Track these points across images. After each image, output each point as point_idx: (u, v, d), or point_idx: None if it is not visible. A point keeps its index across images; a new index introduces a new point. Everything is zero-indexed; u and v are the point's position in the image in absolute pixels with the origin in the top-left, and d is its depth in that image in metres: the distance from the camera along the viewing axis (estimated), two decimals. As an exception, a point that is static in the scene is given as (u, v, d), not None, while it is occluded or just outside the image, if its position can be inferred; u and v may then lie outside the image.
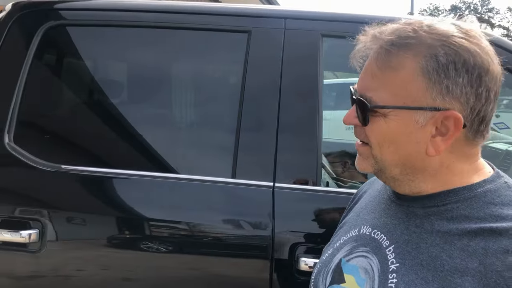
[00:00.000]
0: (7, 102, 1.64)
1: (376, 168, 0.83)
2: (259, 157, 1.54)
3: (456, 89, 0.75)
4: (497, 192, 0.80)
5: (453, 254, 0.75)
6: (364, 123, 0.80)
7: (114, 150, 1.75)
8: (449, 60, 0.75)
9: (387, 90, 0.78)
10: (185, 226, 1.56)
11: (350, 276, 0.85)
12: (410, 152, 0.80)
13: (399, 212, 0.85)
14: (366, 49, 0.81)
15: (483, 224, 0.76)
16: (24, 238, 1.51)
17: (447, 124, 0.78)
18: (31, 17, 1.72)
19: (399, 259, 0.80)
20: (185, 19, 1.70)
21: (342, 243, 0.91)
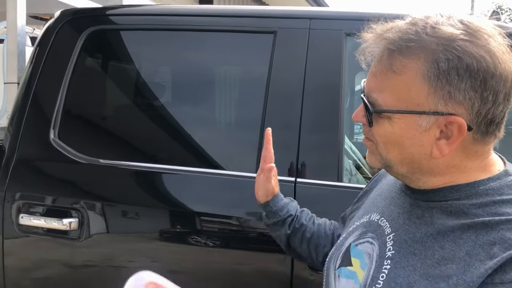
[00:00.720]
0: (53, 101, 1.79)
1: (383, 164, 0.85)
2: (282, 154, 1.59)
3: (459, 95, 0.74)
4: (499, 191, 0.80)
5: (445, 246, 0.77)
6: (369, 124, 0.81)
7: (150, 146, 1.85)
8: (450, 66, 0.73)
9: (391, 93, 0.78)
10: (219, 220, 1.63)
11: (356, 260, 0.89)
12: (415, 154, 0.80)
13: (405, 202, 0.88)
14: (373, 47, 0.81)
15: (477, 219, 0.77)
16: (66, 225, 1.64)
17: (451, 128, 0.77)
18: (75, 23, 1.86)
19: (396, 247, 0.83)
20: (217, 22, 1.78)
21: (354, 228, 0.95)
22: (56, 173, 1.78)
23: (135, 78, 1.96)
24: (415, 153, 0.80)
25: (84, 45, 1.82)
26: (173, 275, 1.60)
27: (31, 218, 1.69)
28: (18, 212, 1.70)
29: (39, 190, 1.74)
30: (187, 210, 1.65)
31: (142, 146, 1.85)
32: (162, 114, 1.88)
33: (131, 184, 1.75)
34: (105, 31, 1.87)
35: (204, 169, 1.68)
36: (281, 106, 1.62)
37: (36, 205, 1.72)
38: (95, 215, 1.67)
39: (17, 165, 1.75)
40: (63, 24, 1.86)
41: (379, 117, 0.80)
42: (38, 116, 1.80)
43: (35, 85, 1.81)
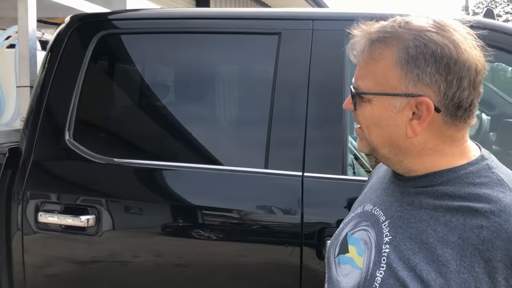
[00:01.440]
0: (67, 103, 1.86)
1: (370, 148, 0.95)
2: (289, 149, 1.66)
3: (426, 77, 0.85)
4: (478, 173, 0.90)
5: (437, 229, 0.86)
6: (354, 107, 0.92)
7: (160, 145, 1.93)
8: (418, 51, 0.84)
9: (372, 79, 0.89)
10: (225, 214, 1.71)
11: (353, 247, 0.96)
12: (392, 134, 0.90)
13: (396, 191, 0.96)
14: (359, 41, 0.92)
15: (464, 203, 0.86)
16: (83, 222, 1.72)
17: (421, 109, 0.87)
18: (86, 27, 1.93)
19: (392, 232, 0.90)
20: (224, 24, 1.85)
21: (350, 219, 1.04)
22: (72, 172, 1.85)
23: (146, 80, 2.04)
24: (392, 133, 0.90)
25: (95, 49, 1.89)
26: (179, 269, 1.68)
27: (48, 216, 1.76)
28: (36, 211, 1.77)
29: (56, 189, 1.82)
30: (199, 205, 1.72)
31: (155, 145, 1.92)
32: (172, 114, 1.96)
33: (145, 182, 1.83)
34: (115, 35, 1.94)
35: (219, 166, 1.75)
36: (287, 104, 1.69)
37: (53, 203, 1.79)
38: (110, 211, 1.74)
39: (34, 166, 1.82)
40: (74, 29, 1.93)
41: (362, 101, 0.91)
42: (53, 118, 1.87)
43: (49, 88, 1.88)
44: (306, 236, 1.57)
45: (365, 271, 0.91)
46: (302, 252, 1.58)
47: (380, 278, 0.87)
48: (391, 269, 0.86)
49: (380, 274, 0.87)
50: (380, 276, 0.87)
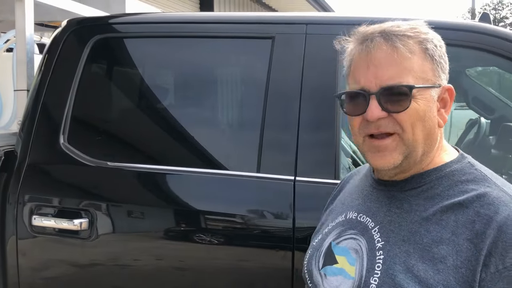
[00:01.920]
0: (62, 107, 1.87)
1: (406, 154, 0.90)
2: (281, 153, 1.66)
3: (446, 67, 0.93)
4: (462, 171, 0.92)
5: (430, 228, 0.86)
6: (403, 108, 0.88)
7: (155, 148, 1.93)
8: (438, 45, 0.93)
9: (410, 75, 0.89)
10: (219, 218, 1.70)
11: (342, 257, 0.94)
12: (431, 126, 0.92)
13: (381, 196, 0.96)
14: (377, 41, 0.90)
15: (452, 200, 0.87)
16: (77, 226, 1.72)
17: (445, 97, 0.93)
18: (82, 31, 1.94)
19: (384, 237, 0.90)
20: (218, 28, 1.86)
21: (330, 229, 1.01)
22: (66, 176, 1.86)
23: (140, 83, 2.04)
24: (432, 125, 0.92)
25: (90, 52, 1.90)
26: (180, 272, 1.68)
27: (42, 219, 1.77)
28: (30, 214, 1.78)
29: (50, 192, 1.83)
30: (191, 209, 1.72)
31: (148, 148, 1.93)
32: (166, 117, 1.96)
33: (137, 185, 1.83)
34: (110, 39, 1.95)
35: (209, 169, 1.75)
36: (280, 108, 1.69)
37: (48, 206, 1.80)
38: (103, 215, 1.75)
39: (29, 169, 1.83)
40: (70, 33, 1.94)
41: (405, 100, 0.88)
42: (48, 121, 1.88)
43: (45, 92, 1.89)
44: (298, 241, 1.57)
45: (358, 280, 0.90)
46: (294, 256, 1.57)
47: (374, 285, 0.87)
48: (387, 275, 0.86)
49: (375, 281, 0.87)
50: (375, 283, 0.87)
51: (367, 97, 0.89)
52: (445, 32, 1.65)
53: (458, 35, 1.67)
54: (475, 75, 2.72)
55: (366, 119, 0.90)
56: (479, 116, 2.58)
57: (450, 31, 1.67)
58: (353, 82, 0.93)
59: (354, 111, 0.92)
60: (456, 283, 0.81)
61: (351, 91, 0.93)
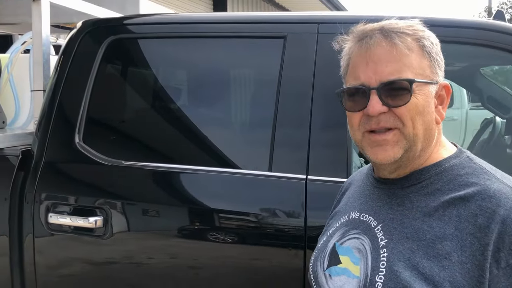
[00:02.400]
0: (78, 106, 1.90)
1: (406, 148, 0.91)
2: (293, 152, 1.67)
3: (442, 63, 0.94)
4: (461, 165, 0.92)
5: (433, 224, 0.86)
6: (404, 102, 0.89)
7: (168, 147, 1.95)
8: (434, 42, 0.94)
9: (409, 70, 0.90)
10: (232, 217, 1.72)
11: (345, 257, 0.95)
12: (429, 122, 0.93)
13: (382, 195, 0.97)
14: (376, 37, 0.91)
15: (454, 194, 0.88)
16: (92, 223, 1.75)
17: (442, 94, 0.94)
18: (97, 32, 1.97)
19: (387, 235, 0.90)
20: (228, 29, 1.87)
21: (334, 230, 1.02)
22: (81, 174, 1.89)
23: (153, 83, 2.07)
24: (430, 120, 0.93)
25: (105, 53, 1.93)
26: (193, 270, 1.70)
27: (58, 217, 1.80)
28: (47, 212, 1.81)
29: (66, 191, 1.86)
30: (205, 207, 1.74)
31: (161, 147, 1.95)
32: (179, 116, 1.98)
33: (151, 184, 1.85)
34: (124, 40, 1.98)
35: (222, 168, 1.77)
36: (292, 107, 1.69)
37: (63, 204, 1.83)
38: (118, 213, 1.77)
39: (45, 168, 1.86)
40: (85, 34, 1.97)
41: (406, 94, 0.89)
42: (63, 121, 1.92)
43: (60, 92, 1.92)
44: (310, 239, 1.57)
45: (363, 279, 0.90)
46: (306, 255, 1.58)
47: (380, 283, 0.87)
48: (392, 272, 0.86)
49: (380, 279, 0.87)
50: (381, 281, 0.87)
51: (367, 93, 0.90)
52: (459, 30, 1.66)
53: (472, 33, 1.66)
54: (490, 74, 2.69)
55: (366, 114, 0.91)
56: (494, 116, 2.55)
57: (465, 29, 1.66)
58: (352, 79, 0.94)
59: (354, 107, 0.93)
60: (462, 279, 0.81)
61: (351, 86, 0.94)
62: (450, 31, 1.61)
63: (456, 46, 1.66)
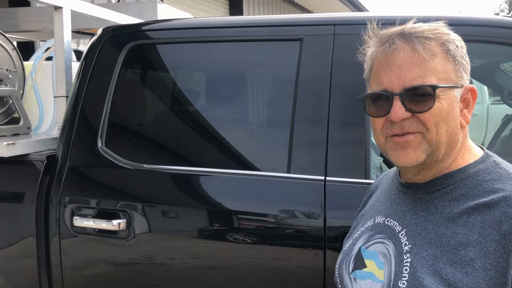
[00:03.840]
0: (100, 112, 1.95)
1: (428, 152, 0.91)
2: (312, 154, 1.68)
3: (467, 66, 0.93)
4: (487, 170, 0.92)
5: (456, 230, 0.86)
6: (428, 108, 0.89)
7: (188, 151, 1.99)
8: (459, 45, 0.94)
9: (433, 75, 0.90)
10: (252, 218, 1.74)
11: (370, 261, 0.96)
12: (454, 127, 0.92)
13: (407, 199, 0.97)
14: (399, 42, 0.91)
15: (478, 200, 0.87)
16: (115, 226, 1.79)
17: (467, 97, 0.94)
18: (117, 39, 2.01)
19: (411, 240, 0.91)
20: (245, 32, 1.89)
21: (360, 234, 1.03)
22: (104, 178, 1.94)
23: (172, 87, 2.11)
24: (455, 125, 0.92)
25: (125, 59, 1.97)
26: (214, 271, 1.73)
27: (83, 220, 1.85)
28: (72, 215, 1.87)
29: (90, 194, 1.91)
30: (225, 209, 1.76)
31: (181, 151, 1.98)
32: (199, 120, 2.01)
33: (172, 187, 1.89)
34: (144, 46, 2.02)
35: (242, 170, 1.79)
36: (310, 109, 1.71)
37: (88, 208, 1.88)
38: (140, 215, 1.81)
39: (69, 172, 1.91)
40: (105, 41, 2.01)
41: (430, 100, 0.89)
42: (86, 126, 1.97)
43: (83, 98, 1.97)
44: (329, 240, 1.59)
45: (387, 283, 0.91)
46: (326, 255, 1.59)
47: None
48: (415, 278, 0.86)
49: (403, 284, 0.87)
50: (403, 286, 0.87)
51: (390, 98, 0.90)
52: (479, 28, 1.65)
53: (493, 31, 1.65)
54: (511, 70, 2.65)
55: (389, 120, 0.91)
56: (515, 112, 2.52)
57: (485, 28, 1.65)
58: (375, 84, 0.94)
59: (377, 113, 0.93)
60: (485, 285, 0.80)
61: (374, 92, 0.94)
62: (469, 30, 1.61)
63: (475, 45, 1.65)
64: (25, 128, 2.18)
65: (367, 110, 0.96)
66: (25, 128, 2.18)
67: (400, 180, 1.01)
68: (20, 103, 2.18)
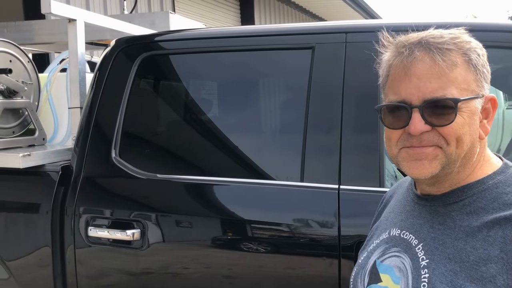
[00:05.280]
0: (113, 123, 1.96)
1: (444, 165, 0.87)
2: (325, 163, 1.68)
3: (488, 75, 0.90)
4: (507, 182, 0.88)
5: (476, 245, 0.83)
6: (449, 121, 0.85)
7: (201, 160, 1.99)
8: (480, 54, 0.90)
9: (453, 86, 0.86)
10: (265, 227, 1.74)
11: (386, 275, 0.92)
12: (474, 140, 0.89)
13: (423, 212, 0.93)
14: (418, 51, 0.87)
15: (498, 214, 0.83)
16: (129, 236, 1.80)
17: (487, 107, 0.91)
18: (130, 50, 2.03)
19: (428, 255, 0.87)
20: (257, 41, 1.90)
21: (375, 246, 0.99)
22: (118, 188, 1.95)
23: (185, 98, 2.12)
24: (474, 138, 0.89)
25: (138, 70, 1.99)
26: (228, 280, 1.73)
27: (97, 230, 1.86)
28: (86, 225, 1.88)
29: (104, 205, 1.92)
30: (239, 218, 1.76)
31: (194, 160, 1.99)
32: (212, 130, 2.02)
33: (185, 196, 1.89)
34: (156, 56, 2.04)
35: (255, 179, 1.79)
36: (323, 118, 1.70)
37: (102, 218, 1.89)
38: (154, 225, 1.82)
39: (84, 183, 1.93)
40: (118, 52, 2.03)
41: (451, 113, 0.86)
42: (100, 137, 1.98)
43: (97, 109, 1.99)
44: (344, 249, 1.58)
45: None
46: (341, 264, 1.58)
47: None
48: None
49: None
50: None
51: (409, 110, 0.86)
52: (495, 34, 1.63)
53: (508, 36, 1.64)
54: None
55: (407, 133, 0.88)
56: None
57: (501, 33, 1.64)
58: (392, 94, 0.90)
59: (395, 124, 0.89)
60: None
61: (392, 103, 0.89)
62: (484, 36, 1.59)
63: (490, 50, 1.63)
64: (40, 139, 2.20)
65: (383, 121, 0.92)
66: (40, 139, 2.20)
67: (415, 191, 0.98)
68: (35, 115, 2.21)
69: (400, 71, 0.89)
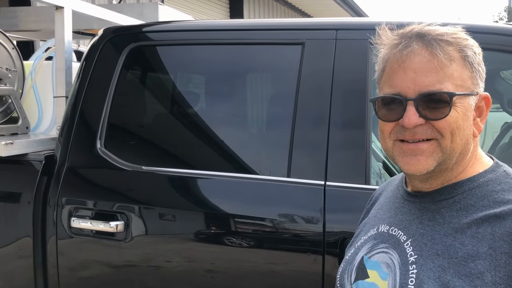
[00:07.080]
0: (99, 113, 1.94)
1: (440, 161, 0.87)
2: (311, 158, 1.68)
3: (484, 75, 0.90)
4: (497, 181, 0.89)
5: (465, 242, 0.83)
6: (443, 115, 0.85)
7: (187, 153, 1.98)
8: (477, 52, 0.90)
9: (449, 82, 0.86)
10: (249, 222, 1.74)
11: (373, 271, 0.92)
12: (468, 136, 0.89)
13: (413, 208, 0.93)
14: (415, 44, 0.87)
15: (488, 211, 0.84)
16: (113, 228, 1.78)
17: (481, 105, 0.91)
18: (117, 40, 2.01)
19: (416, 251, 0.87)
20: (247, 35, 1.89)
21: (363, 242, 0.99)
22: (102, 179, 1.93)
23: (172, 89, 2.10)
24: (468, 134, 0.89)
25: (126, 60, 1.96)
26: (210, 274, 1.72)
27: (80, 221, 1.84)
28: (69, 216, 1.85)
29: (88, 195, 1.90)
30: (222, 212, 1.76)
31: (180, 153, 1.98)
32: (198, 122, 2.01)
33: (170, 189, 1.88)
34: (144, 47, 2.01)
35: (240, 174, 1.79)
36: (310, 114, 1.70)
37: (85, 209, 1.87)
38: (138, 217, 1.80)
39: (67, 173, 1.90)
40: (106, 42, 2.01)
41: (446, 107, 0.86)
42: (85, 127, 1.96)
43: (82, 98, 1.96)
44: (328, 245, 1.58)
45: None
46: (325, 260, 1.59)
47: None
48: None
49: None
50: None
51: (404, 103, 0.86)
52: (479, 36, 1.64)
53: (493, 38, 1.65)
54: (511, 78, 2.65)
55: (401, 125, 0.88)
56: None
57: (485, 35, 1.65)
58: (387, 87, 0.90)
59: (388, 117, 0.89)
60: None
61: (387, 96, 0.89)
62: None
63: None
64: (24, 128, 2.17)
65: (377, 113, 0.91)
66: (24, 127, 2.17)
67: (405, 188, 0.98)
68: (19, 103, 2.17)
69: (396, 64, 0.88)
